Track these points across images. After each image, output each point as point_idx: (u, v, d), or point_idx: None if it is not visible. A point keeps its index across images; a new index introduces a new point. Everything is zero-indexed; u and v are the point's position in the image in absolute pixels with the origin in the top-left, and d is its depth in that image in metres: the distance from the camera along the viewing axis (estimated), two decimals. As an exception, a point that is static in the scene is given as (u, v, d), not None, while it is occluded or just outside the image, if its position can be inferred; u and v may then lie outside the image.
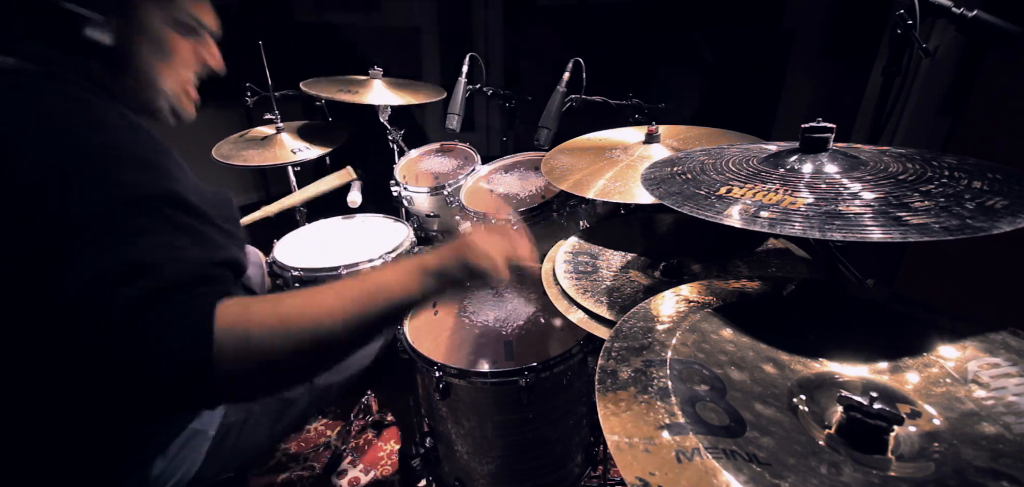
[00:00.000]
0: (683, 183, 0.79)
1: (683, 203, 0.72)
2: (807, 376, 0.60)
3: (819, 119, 0.75)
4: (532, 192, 1.59)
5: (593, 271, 1.07)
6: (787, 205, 0.64)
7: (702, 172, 0.81)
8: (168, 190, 0.59)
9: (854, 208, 0.61)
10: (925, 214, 0.57)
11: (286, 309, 0.58)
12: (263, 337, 0.56)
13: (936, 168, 0.68)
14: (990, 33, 0.83)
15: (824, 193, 0.65)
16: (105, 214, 0.54)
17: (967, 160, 0.70)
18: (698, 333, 0.65)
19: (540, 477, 1.22)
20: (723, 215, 0.66)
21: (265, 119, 1.98)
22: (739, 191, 0.71)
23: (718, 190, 0.73)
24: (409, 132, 2.06)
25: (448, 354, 1.17)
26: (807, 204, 0.63)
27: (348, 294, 0.63)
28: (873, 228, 0.56)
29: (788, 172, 0.73)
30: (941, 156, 0.72)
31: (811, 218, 0.60)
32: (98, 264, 0.51)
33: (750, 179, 0.74)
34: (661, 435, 0.48)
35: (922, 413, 0.54)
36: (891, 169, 0.69)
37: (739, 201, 0.68)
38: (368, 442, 1.75)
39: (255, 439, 0.96)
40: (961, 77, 1.71)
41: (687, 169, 0.84)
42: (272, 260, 1.51)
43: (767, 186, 0.70)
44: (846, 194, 0.64)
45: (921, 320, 0.66)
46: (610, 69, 1.71)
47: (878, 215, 0.58)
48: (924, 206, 0.59)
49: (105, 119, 0.61)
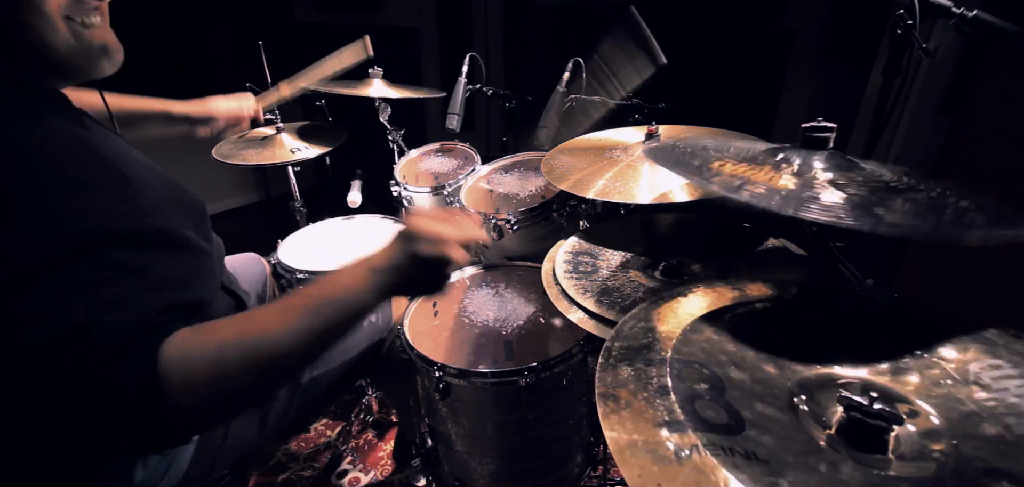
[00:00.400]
0: (681, 154, 0.80)
1: (674, 165, 0.74)
2: (807, 376, 0.60)
3: (820, 119, 0.75)
4: (532, 192, 1.59)
5: (593, 271, 1.07)
6: (771, 184, 0.66)
7: (703, 150, 0.82)
8: (110, 226, 0.54)
9: (832, 196, 0.62)
10: (901, 214, 0.58)
11: (222, 335, 0.56)
12: (204, 366, 0.53)
13: (930, 186, 0.68)
14: (990, 33, 0.83)
15: (809, 181, 0.66)
16: (38, 276, 0.48)
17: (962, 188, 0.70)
18: (699, 333, 0.65)
19: (540, 477, 1.22)
20: (710, 182, 0.68)
21: (265, 119, 1.98)
22: (731, 167, 0.72)
23: (711, 163, 0.74)
24: (409, 132, 2.06)
25: (448, 354, 1.16)
26: (789, 188, 0.65)
27: (290, 308, 0.61)
28: (848, 217, 0.58)
29: (782, 161, 0.74)
30: (937, 180, 0.71)
31: (789, 198, 0.62)
32: (32, 333, 0.47)
33: (746, 161, 0.75)
34: (660, 433, 0.48)
35: (922, 413, 0.54)
36: (884, 177, 0.69)
37: (725, 174, 0.71)
38: (368, 442, 1.75)
39: (244, 437, 0.95)
40: (961, 77, 1.71)
41: (690, 147, 0.85)
42: (276, 261, 1.51)
43: (759, 168, 0.72)
44: (830, 185, 0.65)
45: (921, 321, 0.66)
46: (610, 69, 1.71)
47: (855, 208, 0.60)
48: (903, 208, 0.60)
49: (26, 148, 0.53)
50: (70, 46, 0.63)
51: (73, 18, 0.63)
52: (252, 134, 2.00)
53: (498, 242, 1.44)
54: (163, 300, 0.56)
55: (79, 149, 0.58)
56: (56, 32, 0.61)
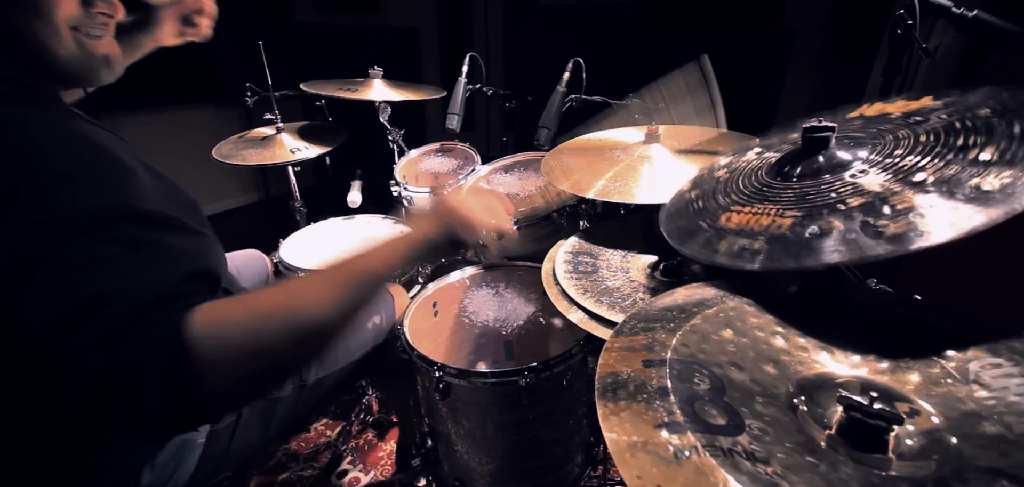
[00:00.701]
0: (694, 214, 0.82)
1: (686, 242, 0.77)
2: (807, 376, 0.60)
3: (821, 118, 0.75)
4: (532, 192, 1.59)
5: (593, 271, 1.07)
6: (774, 228, 0.68)
7: (713, 196, 0.83)
8: (118, 206, 0.54)
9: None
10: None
11: (256, 303, 0.56)
12: (242, 335, 0.52)
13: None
14: (990, 33, 0.83)
15: (812, 204, 0.67)
16: (50, 252, 0.48)
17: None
18: (698, 333, 0.65)
19: (540, 477, 1.22)
20: (715, 256, 0.71)
21: (265, 119, 1.98)
22: (737, 217, 0.73)
23: (719, 220, 0.76)
24: (409, 132, 2.06)
25: (448, 354, 1.16)
26: (790, 225, 0.67)
27: (332, 282, 0.62)
28: (833, 253, 0.60)
29: (787, 178, 0.74)
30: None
31: (785, 245, 0.64)
32: (50, 308, 0.47)
33: (754, 196, 0.76)
34: (659, 434, 0.48)
35: (922, 413, 0.54)
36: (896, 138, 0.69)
37: (728, 234, 0.73)
38: (368, 442, 1.75)
39: (247, 440, 0.95)
40: (961, 77, 1.71)
41: (702, 194, 0.86)
42: (278, 260, 1.51)
43: (765, 203, 0.72)
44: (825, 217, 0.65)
45: (922, 320, 0.66)
46: (610, 69, 1.71)
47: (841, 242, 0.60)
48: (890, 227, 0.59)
49: (17, 137, 0.53)
50: (72, 55, 0.64)
51: (79, 29, 0.64)
52: (252, 134, 2.00)
53: (498, 242, 1.44)
54: (184, 268, 0.56)
55: (80, 139, 0.59)
56: (60, 41, 0.63)
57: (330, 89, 1.85)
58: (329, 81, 1.91)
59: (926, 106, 0.72)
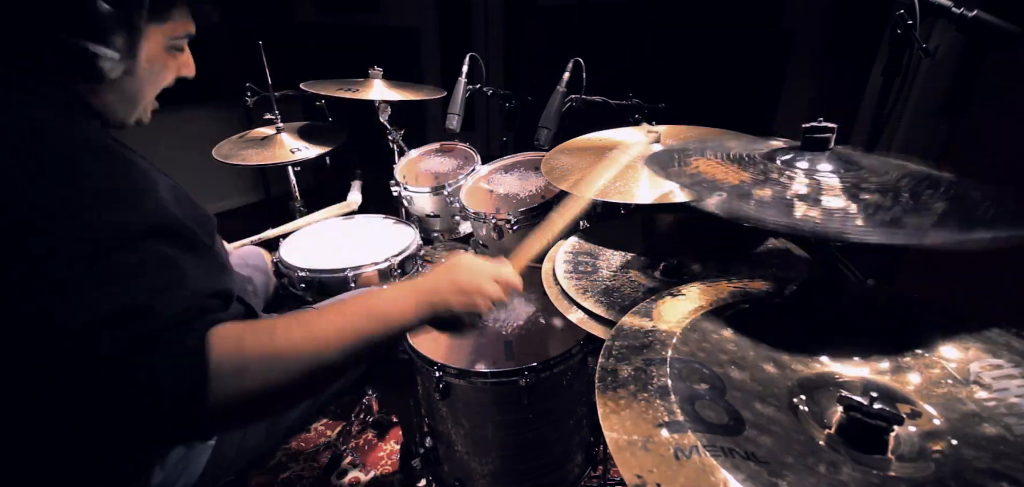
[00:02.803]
0: (677, 154, 0.83)
1: (654, 161, 0.81)
2: (807, 376, 0.60)
3: (821, 118, 0.75)
4: (532, 192, 1.59)
5: (593, 271, 1.07)
6: (719, 178, 0.70)
7: (698, 150, 0.83)
8: (151, 221, 0.57)
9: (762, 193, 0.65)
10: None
11: (283, 341, 0.57)
12: (260, 369, 0.55)
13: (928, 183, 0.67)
14: (990, 33, 0.83)
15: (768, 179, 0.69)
16: (86, 262, 0.51)
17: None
18: (699, 333, 0.65)
19: (540, 477, 1.22)
20: (666, 174, 0.76)
21: (265, 119, 1.98)
22: (703, 165, 0.74)
23: (688, 162, 0.78)
24: (409, 132, 2.06)
25: (448, 354, 1.16)
26: (734, 184, 0.69)
27: (346, 322, 0.63)
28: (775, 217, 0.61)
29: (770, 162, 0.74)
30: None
31: (727, 195, 0.67)
32: (84, 315, 0.49)
33: (730, 160, 0.77)
34: (660, 433, 0.48)
35: (922, 413, 0.54)
36: (890, 177, 0.69)
37: (684, 170, 0.75)
38: (368, 442, 1.75)
39: (254, 443, 0.96)
40: (961, 77, 1.70)
41: (691, 149, 0.86)
42: (278, 259, 1.51)
43: (733, 165, 0.74)
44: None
45: (922, 320, 0.66)
46: (610, 69, 1.71)
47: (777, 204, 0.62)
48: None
49: (75, 153, 0.57)
50: (145, 109, 0.73)
51: (149, 104, 0.73)
52: (252, 134, 2.00)
53: (498, 242, 1.44)
54: (208, 286, 0.58)
55: (115, 154, 0.62)
56: (149, 101, 0.72)
57: (330, 89, 1.85)
58: (329, 81, 1.90)
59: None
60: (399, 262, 1.49)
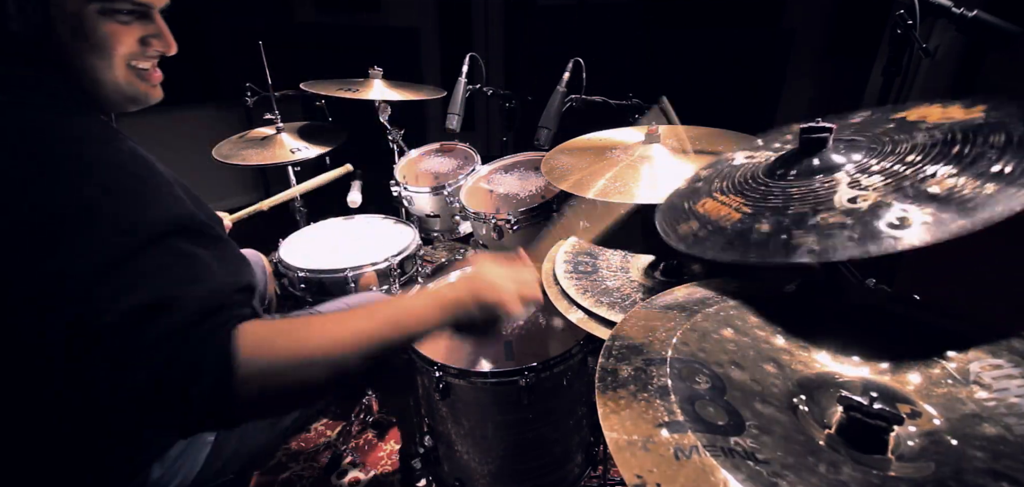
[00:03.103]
0: (687, 194, 0.81)
1: (666, 217, 0.77)
2: (807, 376, 0.60)
3: (818, 119, 0.75)
4: (532, 192, 1.59)
5: (593, 271, 1.07)
6: (723, 220, 0.67)
7: (711, 181, 0.82)
8: (176, 217, 0.59)
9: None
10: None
11: (312, 343, 0.59)
12: (287, 368, 0.57)
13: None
14: (990, 33, 0.83)
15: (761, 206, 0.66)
16: (118, 262, 0.53)
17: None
18: (699, 333, 0.65)
19: (540, 477, 1.22)
20: (670, 237, 0.72)
21: (265, 119, 1.98)
22: (711, 204, 0.73)
23: (697, 204, 0.76)
24: (409, 132, 2.06)
25: (448, 354, 1.16)
26: (735, 220, 0.66)
27: (371, 330, 0.64)
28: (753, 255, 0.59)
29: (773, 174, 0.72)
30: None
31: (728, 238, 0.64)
32: (117, 310, 0.51)
33: (736, 189, 0.75)
34: (660, 433, 0.48)
35: (923, 413, 0.54)
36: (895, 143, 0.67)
37: (693, 218, 0.73)
38: (368, 442, 1.75)
39: (254, 441, 0.96)
40: (961, 77, 1.70)
41: (709, 176, 0.85)
42: (277, 260, 1.51)
43: (738, 197, 0.71)
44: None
45: (922, 320, 0.66)
46: (610, 69, 1.71)
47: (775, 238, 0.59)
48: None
49: (96, 153, 0.58)
50: (120, 86, 0.69)
51: (133, 65, 0.69)
52: (252, 134, 2.00)
53: (498, 242, 1.44)
54: (233, 280, 0.60)
55: (135, 154, 0.63)
56: (115, 75, 0.67)
57: (330, 89, 1.85)
58: (329, 81, 1.90)
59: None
60: (399, 262, 1.49)
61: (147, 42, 0.70)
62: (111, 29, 0.65)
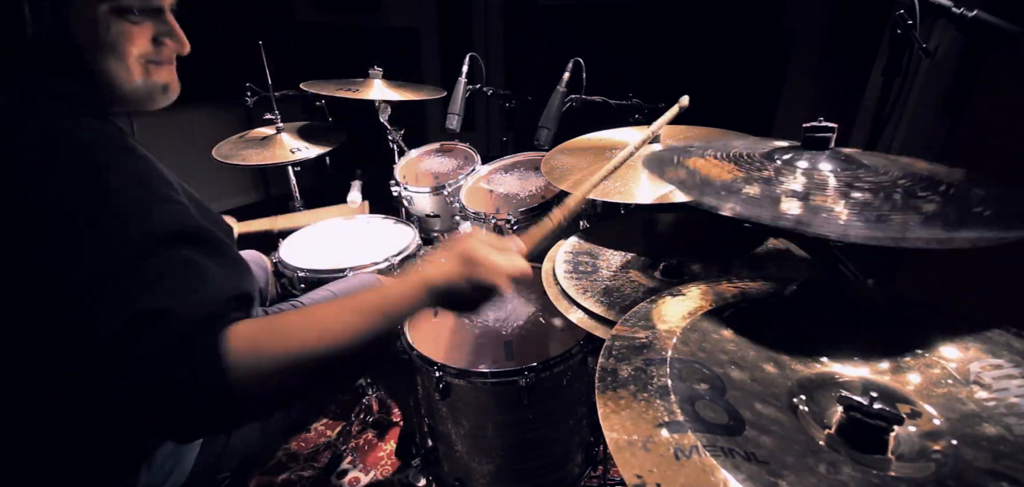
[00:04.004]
0: (678, 151, 0.83)
1: (654, 164, 0.81)
2: (807, 376, 0.60)
3: (821, 118, 0.75)
4: (532, 192, 1.59)
5: (593, 271, 1.07)
6: (714, 176, 0.71)
7: (702, 150, 0.83)
8: (178, 225, 0.59)
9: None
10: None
11: (296, 339, 0.59)
12: (278, 366, 0.57)
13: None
14: (990, 33, 0.83)
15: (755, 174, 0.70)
16: (119, 270, 0.53)
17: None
18: (699, 333, 0.65)
19: (540, 477, 1.22)
20: (664, 174, 0.76)
21: (265, 119, 1.98)
22: (700, 163, 0.75)
23: (687, 159, 0.78)
24: (409, 132, 2.06)
25: (448, 354, 1.16)
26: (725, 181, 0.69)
27: (355, 316, 0.64)
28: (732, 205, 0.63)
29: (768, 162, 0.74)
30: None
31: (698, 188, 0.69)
32: (116, 320, 0.51)
33: (728, 159, 0.77)
34: (660, 433, 0.48)
35: (923, 413, 0.54)
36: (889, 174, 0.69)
37: (681, 168, 0.76)
38: (368, 442, 1.75)
39: (247, 440, 0.95)
40: (961, 77, 1.70)
41: (701, 147, 0.86)
42: (277, 260, 1.51)
43: (729, 163, 0.74)
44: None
45: (922, 320, 0.66)
46: (610, 69, 1.70)
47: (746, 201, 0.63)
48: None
49: (104, 159, 0.59)
50: (136, 86, 0.69)
51: (148, 61, 0.70)
52: (252, 134, 2.00)
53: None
54: (229, 289, 0.60)
55: (142, 159, 0.63)
56: (130, 74, 0.68)
57: (330, 89, 1.85)
58: (329, 81, 1.90)
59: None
60: (399, 262, 1.49)
61: (160, 42, 0.71)
62: (123, 29, 0.65)
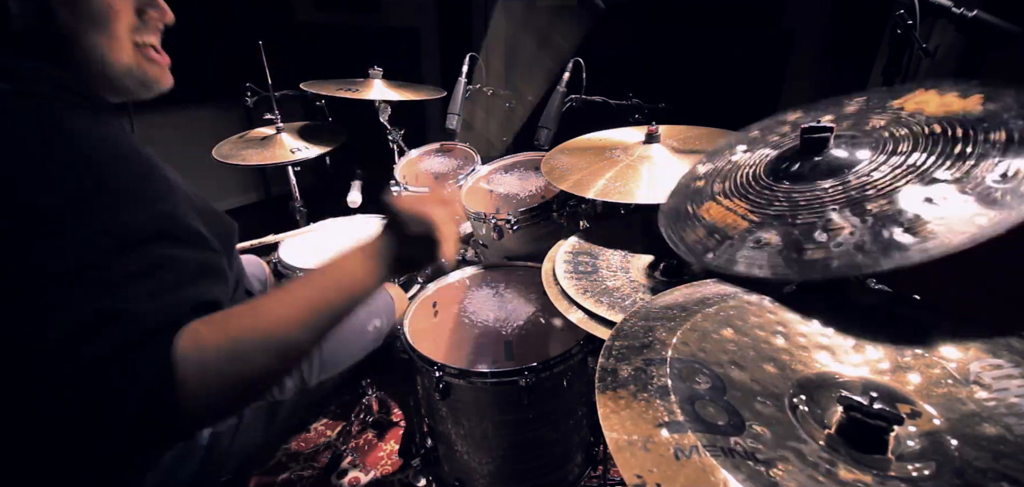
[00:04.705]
0: (689, 195, 0.81)
1: (669, 222, 0.79)
2: (807, 376, 0.60)
3: (820, 119, 0.75)
4: (532, 192, 1.59)
5: (593, 271, 1.07)
6: (731, 226, 0.69)
7: (712, 182, 0.83)
8: (155, 225, 0.57)
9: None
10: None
11: (235, 329, 0.56)
12: (226, 360, 0.54)
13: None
14: (990, 33, 0.83)
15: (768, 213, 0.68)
16: (89, 266, 0.51)
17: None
18: (699, 332, 0.65)
19: (540, 477, 1.22)
20: (679, 245, 0.74)
21: (265, 119, 1.98)
22: (715, 210, 0.74)
23: (701, 208, 0.77)
24: (409, 132, 2.06)
25: (448, 354, 1.16)
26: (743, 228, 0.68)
27: (301, 299, 0.62)
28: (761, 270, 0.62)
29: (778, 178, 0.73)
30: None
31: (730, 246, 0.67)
32: (77, 316, 0.49)
33: (739, 192, 0.76)
34: (660, 433, 0.48)
35: (923, 413, 0.54)
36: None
37: (699, 224, 0.74)
38: (368, 442, 1.75)
39: (249, 442, 0.95)
40: (961, 77, 1.70)
41: (708, 175, 0.85)
42: (277, 260, 1.51)
43: (742, 202, 0.72)
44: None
45: (922, 320, 0.66)
46: (610, 69, 1.70)
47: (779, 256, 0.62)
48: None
49: (88, 148, 0.57)
50: (128, 69, 0.68)
51: (138, 42, 0.68)
52: (252, 134, 2.00)
53: (498, 242, 1.44)
54: (194, 296, 0.57)
55: (135, 152, 0.61)
56: (122, 51, 0.66)
57: (330, 89, 1.85)
58: (329, 81, 1.90)
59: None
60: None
61: (144, 13, 0.69)
62: (107, 1, 0.64)
